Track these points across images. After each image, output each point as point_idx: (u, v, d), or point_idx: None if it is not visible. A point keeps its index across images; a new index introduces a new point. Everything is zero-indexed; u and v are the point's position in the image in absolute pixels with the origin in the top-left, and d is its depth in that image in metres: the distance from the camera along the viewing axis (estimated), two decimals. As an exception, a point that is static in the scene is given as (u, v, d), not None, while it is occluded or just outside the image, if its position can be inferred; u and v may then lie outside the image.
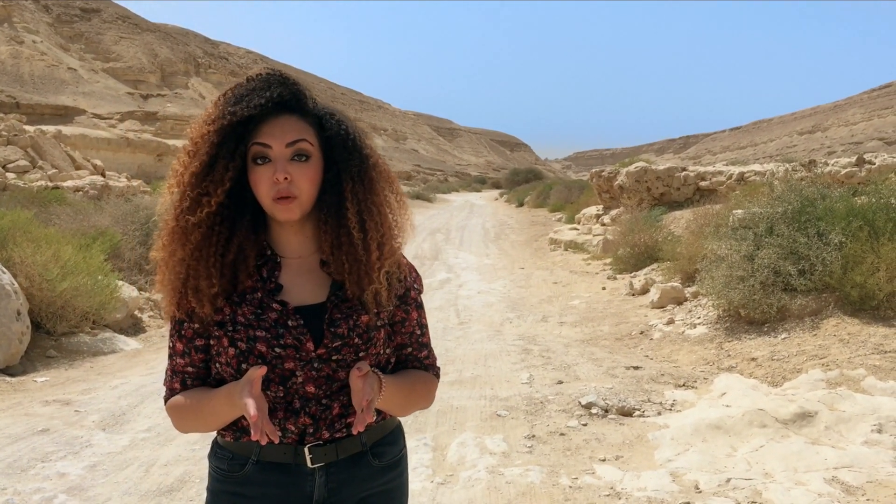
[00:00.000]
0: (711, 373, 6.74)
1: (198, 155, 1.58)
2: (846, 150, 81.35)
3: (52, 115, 47.11)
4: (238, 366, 1.59)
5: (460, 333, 8.93)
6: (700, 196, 16.41)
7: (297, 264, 1.69)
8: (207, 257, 1.58)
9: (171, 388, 1.70)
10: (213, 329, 1.63)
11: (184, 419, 1.68)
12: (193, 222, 1.57)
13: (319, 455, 1.64)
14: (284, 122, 1.59)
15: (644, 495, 4.15)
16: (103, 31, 70.44)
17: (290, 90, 1.62)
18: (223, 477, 1.70)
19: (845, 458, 4.45)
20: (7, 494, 4.14)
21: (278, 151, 1.57)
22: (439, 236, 22.62)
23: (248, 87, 1.60)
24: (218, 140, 1.57)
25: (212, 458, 1.74)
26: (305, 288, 1.68)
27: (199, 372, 1.68)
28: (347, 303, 1.67)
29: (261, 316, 1.61)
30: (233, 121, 1.56)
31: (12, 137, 21.28)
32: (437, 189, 59.83)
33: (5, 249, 8.03)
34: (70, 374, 7.11)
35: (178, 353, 1.67)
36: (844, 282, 7.32)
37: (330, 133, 1.64)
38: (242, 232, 1.62)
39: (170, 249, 1.61)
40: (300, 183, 1.58)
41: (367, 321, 1.67)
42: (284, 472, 1.65)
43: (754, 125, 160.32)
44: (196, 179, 1.57)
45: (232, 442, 1.68)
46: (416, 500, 4.15)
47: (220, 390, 1.60)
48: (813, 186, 8.99)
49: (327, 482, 1.66)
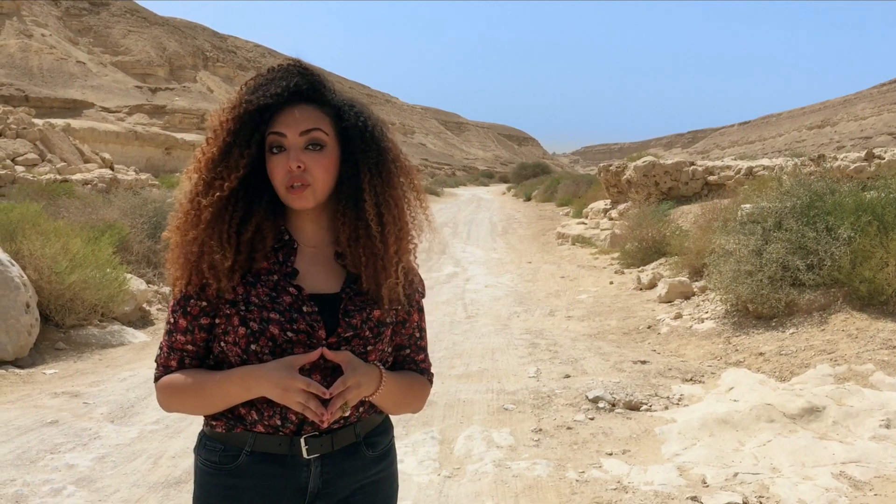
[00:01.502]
0: (719, 367, 6.72)
1: (216, 142, 1.61)
2: (855, 145, 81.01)
3: (61, 109, 47.28)
4: (247, 346, 1.59)
5: (467, 327, 8.93)
6: (708, 191, 16.38)
7: (311, 253, 1.69)
8: (221, 234, 1.58)
9: (165, 364, 1.68)
10: (224, 307, 1.61)
11: (178, 398, 1.66)
12: (205, 205, 1.59)
13: (315, 446, 1.64)
14: (300, 112, 1.60)
15: (651, 489, 4.15)
16: (112, 24, 70.60)
17: (308, 80, 1.63)
18: (214, 469, 1.67)
19: (853, 454, 4.44)
20: (16, 486, 4.16)
21: (292, 140, 1.58)
22: (447, 230, 22.60)
23: (268, 77, 1.62)
24: (235, 128, 1.59)
25: (200, 450, 1.71)
26: (319, 277, 1.68)
27: (199, 351, 1.67)
28: (361, 296, 1.68)
29: (276, 298, 1.61)
30: (249, 109, 1.58)
31: (21, 131, 21.34)
32: (444, 183, 59.81)
33: (14, 242, 8.06)
34: (79, 367, 7.14)
35: (179, 329, 1.65)
36: (853, 277, 7.30)
37: (347, 124, 1.64)
38: (260, 213, 1.62)
39: (182, 231, 1.62)
40: (314, 171, 1.59)
41: (378, 316, 1.68)
42: (279, 463, 1.64)
43: (763, 120, 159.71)
44: (212, 165, 1.60)
45: (224, 433, 1.66)
46: (424, 492, 4.16)
47: (233, 372, 1.60)
48: (822, 181, 8.95)
49: (322, 473, 1.66)
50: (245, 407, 1.62)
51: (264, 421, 1.62)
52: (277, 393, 1.54)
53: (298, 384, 1.53)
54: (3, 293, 6.99)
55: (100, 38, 68.58)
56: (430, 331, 7.57)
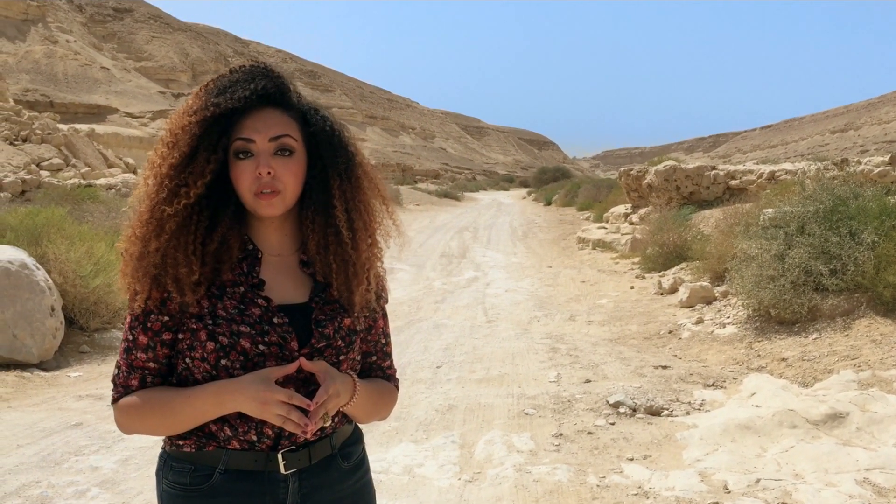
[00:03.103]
0: (741, 373, 6.68)
1: (177, 146, 1.52)
2: (879, 149, 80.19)
3: (85, 114, 47.76)
4: (216, 361, 1.52)
5: (488, 331, 8.93)
6: (730, 195, 16.28)
7: (276, 262, 1.64)
8: (186, 245, 1.51)
9: (125, 385, 1.58)
10: (188, 321, 1.54)
11: (141, 419, 1.57)
12: (170, 213, 1.50)
13: (293, 461, 1.59)
14: (268, 116, 1.55)
15: (672, 495, 4.14)
16: (135, 30, 71.29)
17: (275, 83, 1.57)
18: (185, 492, 1.59)
19: (877, 460, 4.40)
20: (41, 487, 4.21)
21: (261, 146, 1.53)
22: (467, 234, 22.62)
23: (232, 78, 1.56)
24: (200, 132, 1.51)
25: (166, 473, 1.62)
26: (286, 286, 1.63)
27: (161, 369, 1.58)
28: (331, 304, 1.64)
29: (244, 311, 1.55)
30: (216, 112, 1.51)
31: (46, 136, 21.59)
32: (464, 187, 59.84)
33: (40, 246, 8.15)
34: (103, 370, 7.20)
35: (140, 346, 1.56)
36: (877, 282, 7.23)
37: (315, 129, 1.60)
38: (226, 222, 1.55)
39: (143, 241, 1.52)
40: (284, 178, 1.54)
41: (349, 324, 1.65)
42: (255, 480, 1.57)
43: (785, 124, 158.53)
44: (175, 171, 1.51)
45: (194, 451, 1.58)
46: (444, 497, 4.16)
47: (204, 387, 1.52)
48: (845, 185, 8.88)
49: (300, 488, 1.61)
50: (217, 423, 1.56)
51: (239, 437, 1.56)
52: (255, 406, 1.48)
53: (279, 396, 1.47)
54: (28, 297, 7.07)
55: (123, 44, 69.25)
56: (450, 335, 7.62)
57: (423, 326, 9.25)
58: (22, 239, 8.22)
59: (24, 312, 6.98)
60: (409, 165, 79.41)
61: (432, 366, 7.19)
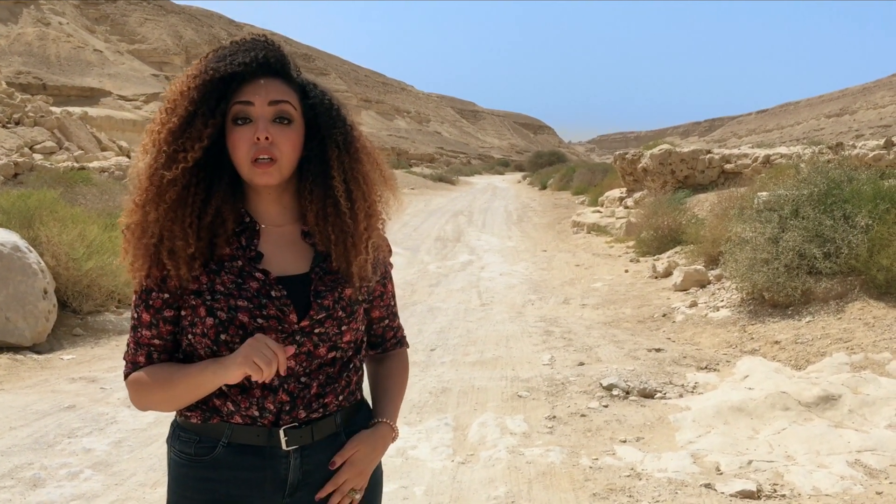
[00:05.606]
0: (734, 355, 6.70)
1: (176, 111, 1.52)
2: (874, 133, 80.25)
3: (78, 97, 47.51)
4: (216, 336, 1.54)
5: (482, 315, 8.94)
6: (725, 179, 16.27)
7: (276, 233, 1.64)
8: (183, 217, 1.51)
9: (133, 361, 1.61)
10: (188, 298, 1.55)
11: (150, 394, 1.59)
12: (169, 178, 1.50)
13: (295, 437, 1.60)
14: (268, 83, 1.55)
15: (665, 476, 4.15)
16: (129, 12, 70.82)
17: (276, 54, 1.58)
18: (190, 461, 1.62)
19: (868, 442, 4.42)
20: (34, 469, 4.21)
21: (260, 110, 1.53)
22: (462, 218, 22.60)
23: (233, 48, 1.56)
24: (198, 96, 1.51)
25: (174, 441, 1.66)
26: (286, 258, 1.63)
27: (167, 345, 1.61)
28: (331, 275, 1.63)
29: (242, 285, 1.55)
30: (215, 76, 1.51)
31: (39, 119, 21.47)
32: (459, 171, 59.77)
33: (32, 229, 8.12)
34: (96, 352, 7.20)
35: (144, 324, 1.58)
36: (870, 265, 7.24)
37: (314, 101, 1.61)
38: (220, 195, 1.55)
39: (142, 211, 1.53)
40: (281, 146, 1.53)
41: (350, 294, 1.65)
42: (257, 454, 1.59)
43: (781, 108, 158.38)
44: (173, 136, 1.51)
45: (199, 424, 1.60)
46: (437, 478, 4.17)
47: (206, 363, 1.53)
48: (840, 169, 8.88)
49: (302, 465, 1.62)
50: (220, 398, 1.57)
51: (241, 412, 1.57)
52: (241, 360, 1.47)
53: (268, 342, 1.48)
54: (21, 279, 7.05)
55: (116, 27, 68.76)
56: (444, 318, 7.66)
57: (417, 310, 9.25)
58: (14, 222, 8.18)
59: (17, 295, 6.95)
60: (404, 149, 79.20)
61: (426, 348, 7.20)
